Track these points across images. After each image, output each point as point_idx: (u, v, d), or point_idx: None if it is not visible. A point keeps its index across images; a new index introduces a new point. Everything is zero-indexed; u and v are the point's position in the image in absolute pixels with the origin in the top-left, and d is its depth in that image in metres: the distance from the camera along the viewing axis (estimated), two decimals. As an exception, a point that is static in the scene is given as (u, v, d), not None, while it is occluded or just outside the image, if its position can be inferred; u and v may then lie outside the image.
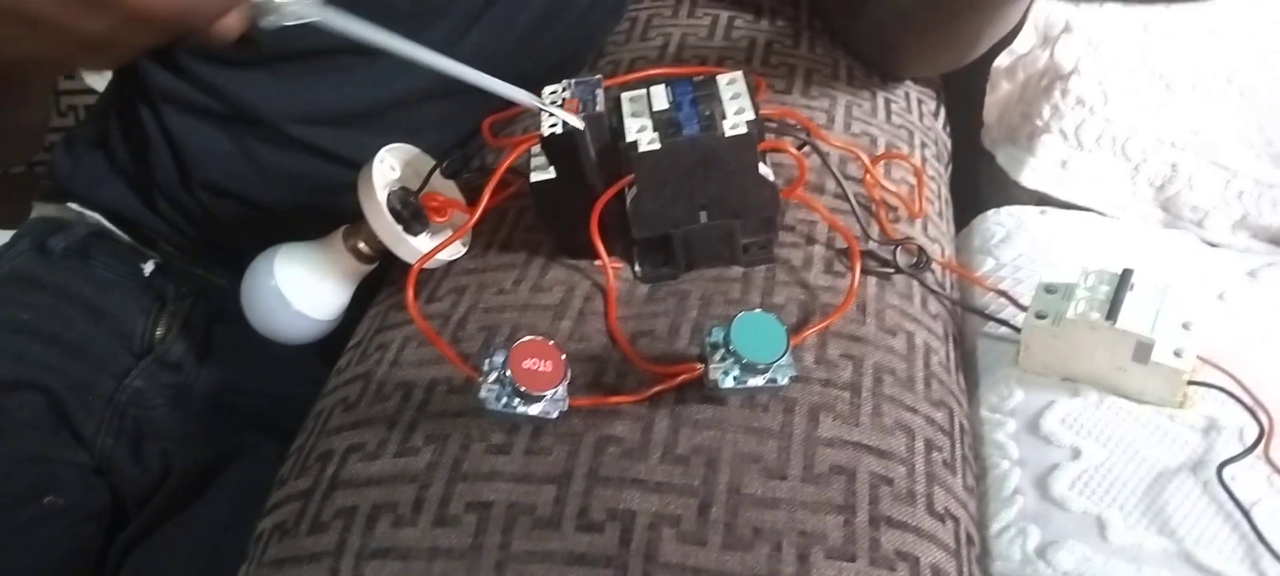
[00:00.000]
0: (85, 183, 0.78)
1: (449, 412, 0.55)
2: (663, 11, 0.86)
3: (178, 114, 0.75)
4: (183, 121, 0.75)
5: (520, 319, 0.60)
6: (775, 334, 0.51)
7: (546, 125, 0.57)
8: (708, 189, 0.58)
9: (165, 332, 0.77)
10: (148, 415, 0.74)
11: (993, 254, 0.78)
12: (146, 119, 0.76)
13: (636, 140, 0.56)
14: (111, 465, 0.72)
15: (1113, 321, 0.60)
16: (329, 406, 0.60)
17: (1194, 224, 0.82)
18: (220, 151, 0.75)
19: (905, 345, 0.60)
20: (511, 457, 0.52)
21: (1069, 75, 0.81)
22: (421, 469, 0.52)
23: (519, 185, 0.66)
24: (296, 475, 0.57)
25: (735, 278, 0.62)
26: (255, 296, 0.69)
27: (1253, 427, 0.60)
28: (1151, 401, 0.62)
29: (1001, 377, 0.66)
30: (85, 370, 0.73)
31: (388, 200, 0.63)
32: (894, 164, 0.73)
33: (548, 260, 0.64)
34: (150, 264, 0.78)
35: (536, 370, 0.51)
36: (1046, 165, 0.83)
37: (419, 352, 0.60)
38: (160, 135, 0.75)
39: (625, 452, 0.52)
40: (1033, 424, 0.63)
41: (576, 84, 0.59)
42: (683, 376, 0.53)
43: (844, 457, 0.52)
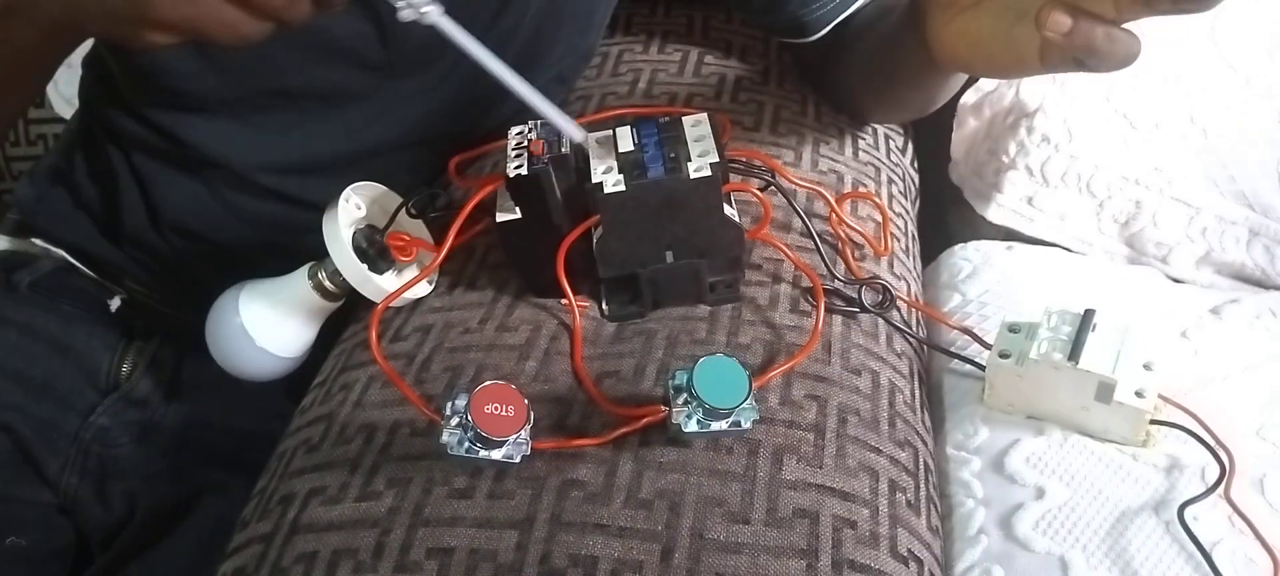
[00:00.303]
0: (50, 219, 0.78)
1: (412, 456, 0.55)
2: (634, 47, 0.87)
3: (147, 158, 0.75)
4: (152, 165, 0.75)
5: (485, 359, 0.60)
6: (737, 378, 0.52)
7: (512, 166, 0.57)
8: (673, 230, 0.58)
9: (132, 369, 0.77)
10: (113, 453, 0.74)
11: (959, 289, 0.78)
12: (116, 161, 0.75)
13: (602, 182, 0.57)
14: (76, 504, 0.71)
15: (1075, 362, 0.60)
16: (292, 447, 0.60)
17: (1158, 260, 0.82)
18: (190, 194, 0.75)
19: (870, 384, 0.60)
20: (474, 502, 0.52)
21: (1034, 112, 0.82)
22: (383, 513, 0.52)
23: (486, 223, 0.66)
24: (258, 517, 0.56)
25: (701, 317, 0.62)
26: (220, 334, 0.69)
27: (1214, 467, 0.60)
28: (1115, 440, 0.63)
29: (967, 415, 0.66)
30: (50, 407, 0.72)
31: (353, 239, 0.63)
32: (861, 202, 0.74)
33: (514, 299, 0.64)
34: (117, 299, 0.77)
35: (498, 415, 0.51)
36: (1013, 201, 0.84)
37: (383, 393, 0.59)
38: (130, 177, 0.75)
39: (588, 497, 0.52)
40: (997, 462, 0.63)
41: (542, 125, 0.59)
42: (647, 419, 0.53)
43: (807, 500, 0.52)
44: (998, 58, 0.57)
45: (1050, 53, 0.51)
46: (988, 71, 0.71)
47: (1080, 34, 0.49)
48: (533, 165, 0.57)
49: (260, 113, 0.71)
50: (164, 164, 0.75)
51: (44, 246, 0.78)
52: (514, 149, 0.58)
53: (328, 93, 0.70)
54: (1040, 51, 0.52)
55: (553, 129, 0.59)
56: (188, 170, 0.75)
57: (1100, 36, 0.49)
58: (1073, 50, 0.50)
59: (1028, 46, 0.51)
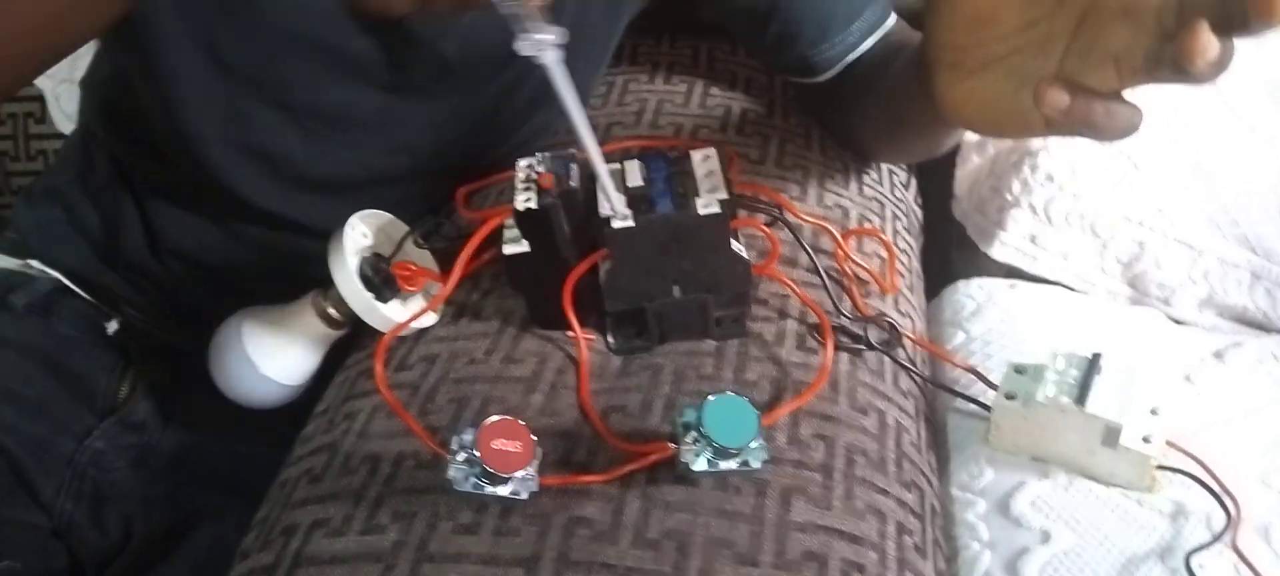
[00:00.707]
0: (46, 241, 0.77)
1: (416, 489, 0.54)
2: (639, 77, 0.87)
3: (149, 186, 0.74)
4: (154, 193, 0.74)
5: (491, 391, 0.60)
6: (747, 417, 0.51)
7: (521, 200, 0.57)
8: (681, 265, 0.58)
9: (129, 392, 0.76)
10: (108, 478, 0.73)
11: (963, 327, 0.78)
12: (115, 185, 0.75)
13: (610, 216, 0.56)
14: (70, 528, 0.70)
15: (1082, 406, 0.60)
16: (294, 477, 0.59)
17: (1161, 301, 0.82)
18: (191, 220, 0.74)
19: (877, 424, 0.60)
20: (479, 538, 0.51)
21: (1038, 151, 0.82)
22: (387, 548, 0.51)
23: (492, 254, 0.66)
24: (259, 548, 0.56)
25: (708, 352, 0.61)
26: (223, 360, 0.68)
27: (1220, 515, 0.60)
28: (1120, 485, 0.62)
29: (972, 455, 0.66)
30: (45, 429, 0.71)
31: (359, 267, 0.62)
32: (867, 238, 0.74)
33: (520, 330, 0.64)
34: (114, 322, 0.77)
35: (506, 451, 0.50)
36: (1016, 239, 0.84)
37: (387, 424, 0.59)
38: (129, 202, 0.75)
39: (595, 535, 0.51)
40: (1003, 504, 0.63)
41: (551, 158, 0.59)
42: (655, 456, 0.53)
43: (816, 543, 0.52)
44: (1004, 121, 0.57)
45: (1052, 122, 0.51)
46: (994, 133, 0.71)
47: (1078, 111, 0.49)
48: (542, 199, 0.57)
49: (265, 132, 0.71)
50: (165, 189, 0.74)
51: (41, 268, 0.77)
52: (522, 182, 0.58)
53: (335, 113, 0.70)
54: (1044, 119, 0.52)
55: (561, 162, 0.59)
56: (190, 195, 0.74)
57: (1099, 112, 0.49)
58: (1072, 125, 0.50)
59: (1032, 113, 0.51)
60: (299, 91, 0.68)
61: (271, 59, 0.65)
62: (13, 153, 1.14)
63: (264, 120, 0.69)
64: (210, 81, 0.66)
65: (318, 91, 0.68)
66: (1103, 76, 0.50)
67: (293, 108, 0.69)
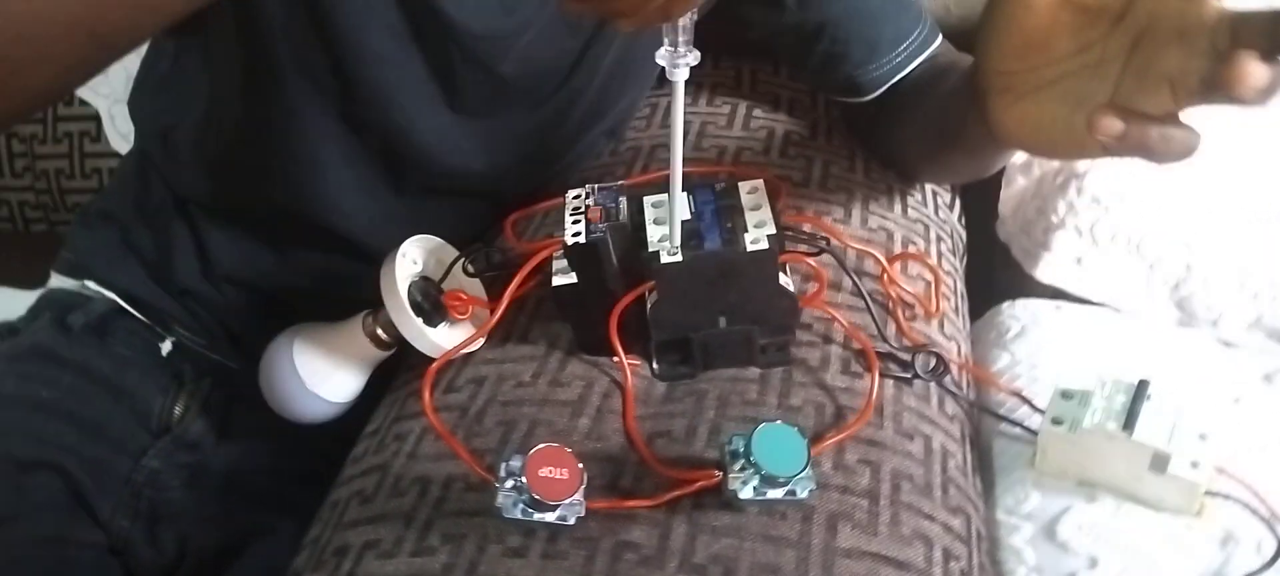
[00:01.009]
0: (103, 263, 0.79)
1: (466, 511, 0.55)
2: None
3: (203, 210, 0.76)
4: (209, 219, 0.76)
5: (538, 414, 0.61)
6: (796, 446, 0.52)
7: (571, 233, 0.58)
8: (728, 298, 0.58)
9: (184, 412, 0.77)
10: (164, 496, 0.74)
11: (1008, 349, 0.78)
12: (171, 215, 0.76)
13: (658, 250, 0.57)
14: (127, 547, 0.72)
15: (1130, 432, 0.60)
16: (345, 497, 0.60)
17: (1209, 323, 0.82)
18: (245, 246, 0.76)
19: (923, 449, 0.60)
20: (528, 561, 0.52)
21: (1085, 172, 0.82)
22: (438, 570, 0.52)
23: (539, 279, 0.67)
24: (312, 568, 0.57)
25: (753, 378, 0.62)
26: (273, 377, 0.70)
27: (1270, 541, 0.60)
28: (1168, 510, 0.62)
29: (1018, 480, 0.66)
30: (103, 449, 0.73)
31: (409, 292, 0.63)
32: (912, 261, 0.74)
33: (566, 354, 0.64)
34: (169, 342, 0.78)
35: (553, 478, 0.51)
36: (1061, 260, 0.83)
37: (436, 446, 0.60)
38: (183, 226, 0.76)
39: (642, 560, 0.52)
40: (1049, 530, 0.63)
41: (599, 190, 0.60)
42: (701, 483, 0.53)
43: (862, 569, 0.52)
44: (1059, 144, 0.57)
45: (1109, 147, 0.51)
46: (1049, 155, 0.71)
47: (1133, 138, 0.49)
48: (591, 233, 0.57)
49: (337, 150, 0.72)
50: (221, 212, 0.76)
51: (97, 289, 0.79)
52: (571, 214, 0.59)
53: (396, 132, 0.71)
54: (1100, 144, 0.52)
55: (610, 195, 0.60)
56: (245, 221, 0.76)
57: (1155, 137, 0.49)
58: (1129, 150, 0.50)
59: (1088, 136, 0.51)
60: (365, 109, 0.69)
61: (339, 70, 0.67)
62: (68, 171, 1.16)
63: (336, 136, 0.71)
64: (310, 96, 0.68)
65: (381, 109, 0.69)
66: (1158, 100, 0.50)
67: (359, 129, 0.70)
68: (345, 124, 0.70)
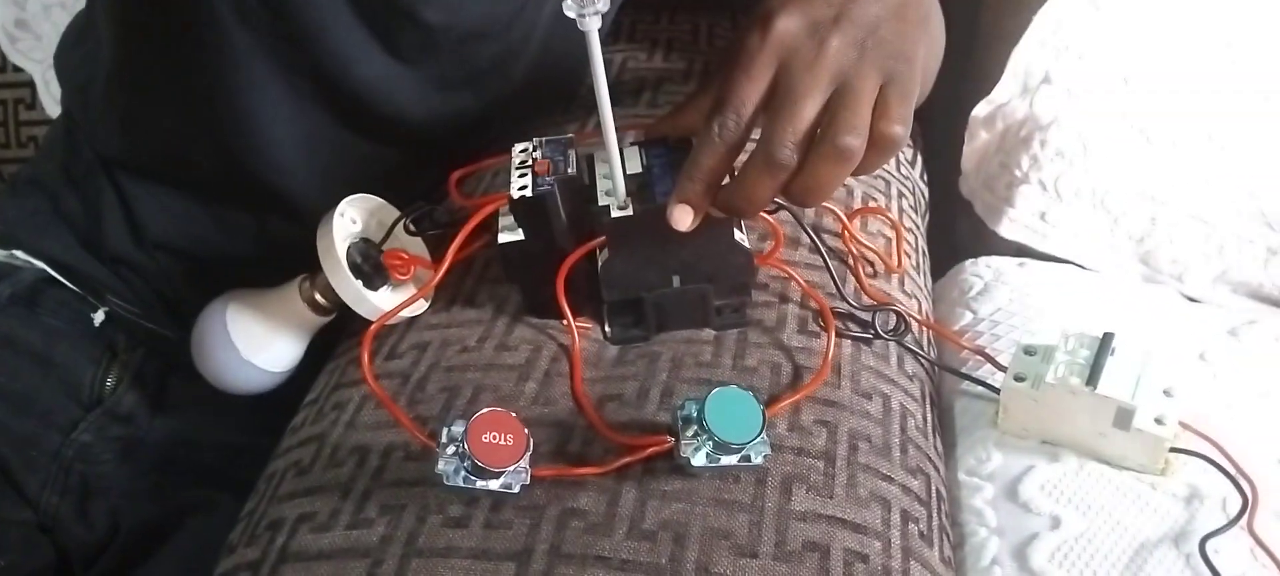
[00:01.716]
0: (31, 231, 0.75)
1: (405, 481, 0.53)
2: (637, 56, 0.85)
3: (132, 176, 0.72)
4: (137, 182, 0.72)
5: (483, 380, 0.58)
6: (751, 411, 0.49)
7: (517, 187, 0.55)
8: (681, 255, 0.56)
9: (116, 383, 0.74)
10: (95, 470, 0.71)
11: (970, 307, 0.76)
12: (99, 179, 0.73)
13: (608, 205, 0.55)
14: (57, 522, 0.69)
15: (1093, 387, 0.58)
16: (281, 469, 0.58)
17: (1173, 278, 0.80)
18: (176, 210, 0.73)
19: (881, 409, 0.58)
20: (470, 531, 0.50)
21: (1048, 126, 0.80)
22: (375, 543, 0.50)
23: (486, 240, 0.64)
24: (246, 543, 0.54)
25: (707, 339, 0.60)
26: (206, 346, 0.67)
27: (1236, 498, 0.58)
28: (1133, 468, 0.61)
29: (979, 439, 0.64)
30: (30, 424, 0.70)
31: (348, 254, 0.61)
32: (872, 216, 0.72)
33: (513, 318, 0.62)
34: (101, 313, 0.75)
35: (496, 444, 0.48)
36: (1025, 216, 0.82)
37: (376, 414, 0.57)
38: (115, 195, 0.73)
39: (589, 527, 0.49)
40: (1011, 489, 0.61)
41: (547, 143, 0.57)
42: (652, 449, 0.51)
43: (817, 533, 0.50)
44: None
45: None
46: None
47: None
48: (538, 186, 0.55)
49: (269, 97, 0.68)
50: (148, 173, 0.72)
51: (25, 258, 0.75)
52: (518, 167, 0.56)
53: (334, 73, 0.68)
54: None
55: (558, 148, 0.57)
56: (176, 184, 0.72)
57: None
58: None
59: None
60: (297, 49, 0.66)
61: (282, 10, 0.63)
62: (3, 140, 1.12)
63: (271, 81, 0.67)
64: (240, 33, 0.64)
65: (314, 48, 0.66)
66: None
67: (293, 71, 0.67)
68: (277, 62, 0.66)
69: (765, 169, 0.51)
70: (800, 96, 0.50)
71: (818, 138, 0.51)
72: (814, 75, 0.50)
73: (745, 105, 0.51)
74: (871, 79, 0.51)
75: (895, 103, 0.51)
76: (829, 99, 0.51)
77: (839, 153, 0.50)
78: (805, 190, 0.52)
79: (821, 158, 0.50)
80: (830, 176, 0.51)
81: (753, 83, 0.51)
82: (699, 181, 0.52)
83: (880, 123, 0.51)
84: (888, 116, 0.51)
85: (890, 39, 0.52)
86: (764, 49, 0.52)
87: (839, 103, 0.50)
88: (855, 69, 0.51)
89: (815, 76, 0.50)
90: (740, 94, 0.51)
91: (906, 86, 0.51)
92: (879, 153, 0.51)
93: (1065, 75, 0.80)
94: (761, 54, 0.51)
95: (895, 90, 0.51)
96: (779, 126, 0.50)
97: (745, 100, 0.51)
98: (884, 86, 0.51)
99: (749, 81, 0.51)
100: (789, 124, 0.50)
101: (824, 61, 0.50)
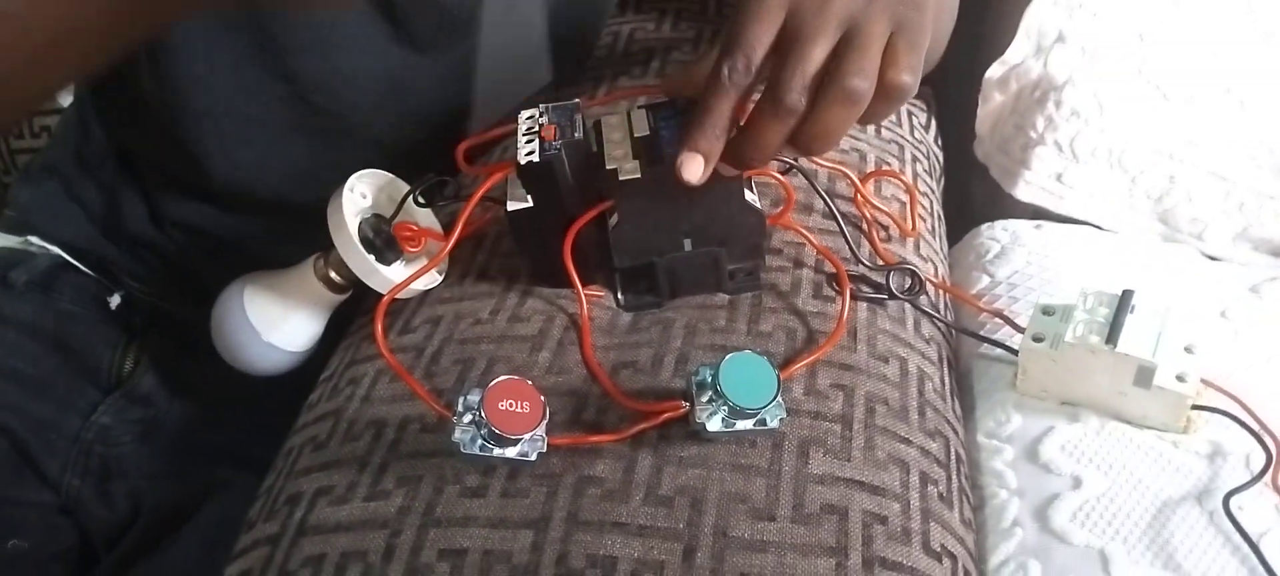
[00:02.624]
0: (45, 217, 0.76)
1: (422, 453, 0.53)
2: (646, 26, 0.84)
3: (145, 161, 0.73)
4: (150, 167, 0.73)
5: (497, 351, 0.58)
6: (765, 376, 0.49)
7: (523, 153, 0.55)
8: (691, 217, 0.56)
9: (134, 366, 0.75)
10: (114, 452, 0.72)
11: (987, 270, 0.76)
12: (113, 163, 0.73)
13: (617, 168, 0.54)
14: (78, 504, 0.70)
15: (1113, 345, 0.57)
16: (298, 444, 0.58)
17: (1193, 237, 0.79)
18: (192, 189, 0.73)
19: (898, 372, 0.58)
20: (487, 501, 0.50)
21: (1063, 86, 0.79)
22: (392, 514, 0.50)
23: (496, 210, 0.64)
24: (264, 518, 0.54)
25: (721, 305, 0.59)
26: (225, 328, 0.67)
27: (1259, 454, 0.57)
28: (1154, 426, 0.60)
29: (999, 401, 0.64)
30: (49, 408, 0.70)
31: (359, 229, 0.60)
32: (885, 180, 0.71)
33: (526, 288, 0.62)
34: (117, 296, 0.75)
35: (513, 411, 0.48)
36: (1041, 178, 0.81)
37: (391, 388, 0.57)
38: (130, 178, 0.73)
39: (606, 494, 0.49)
40: (1031, 450, 0.61)
41: (554, 109, 0.57)
42: (667, 415, 0.51)
43: (835, 495, 0.50)
44: None
45: None
46: None
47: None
48: (545, 151, 0.54)
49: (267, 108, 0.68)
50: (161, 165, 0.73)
51: (41, 244, 0.76)
52: (525, 134, 0.56)
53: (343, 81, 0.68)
54: None
55: (565, 113, 0.57)
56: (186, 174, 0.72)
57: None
58: None
59: None
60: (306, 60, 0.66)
61: (276, 27, 0.63)
62: (17, 130, 1.12)
63: (270, 93, 0.67)
64: (217, 52, 0.64)
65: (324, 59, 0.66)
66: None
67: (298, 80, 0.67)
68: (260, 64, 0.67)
69: (774, 114, 0.50)
70: (808, 39, 0.49)
71: (825, 81, 0.50)
72: (823, 18, 0.49)
73: (755, 48, 0.50)
74: (881, 24, 0.50)
75: (904, 51, 0.50)
76: (836, 43, 0.50)
77: (846, 95, 0.49)
78: (812, 137, 0.51)
79: (829, 101, 0.49)
80: (838, 121, 0.50)
81: (762, 26, 0.50)
82: (708, 128, 0.51)
83: (888, 71, 0.50)
84: (897, 65, 0.50)
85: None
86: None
87: (847, 46, 0.50)
88: (864, 14, 0.50)
89: (824, 19, 0.49)
90: (749, 37, 0.50)
91: (915, 36, 0.51)
92: (886, 101, 0.50)
93: (1079, 34, 0.79)
94: (821, 34, 0.50)
95: (904, 39, 0.50)
96: (788, 69, 0.49)
97: (755, 43, 0.50)
98: (893, 34, 0.50)
99: (758, 24, 0.50)
100: (798, 66, 0.49)
101: (833, 5, 0.50)
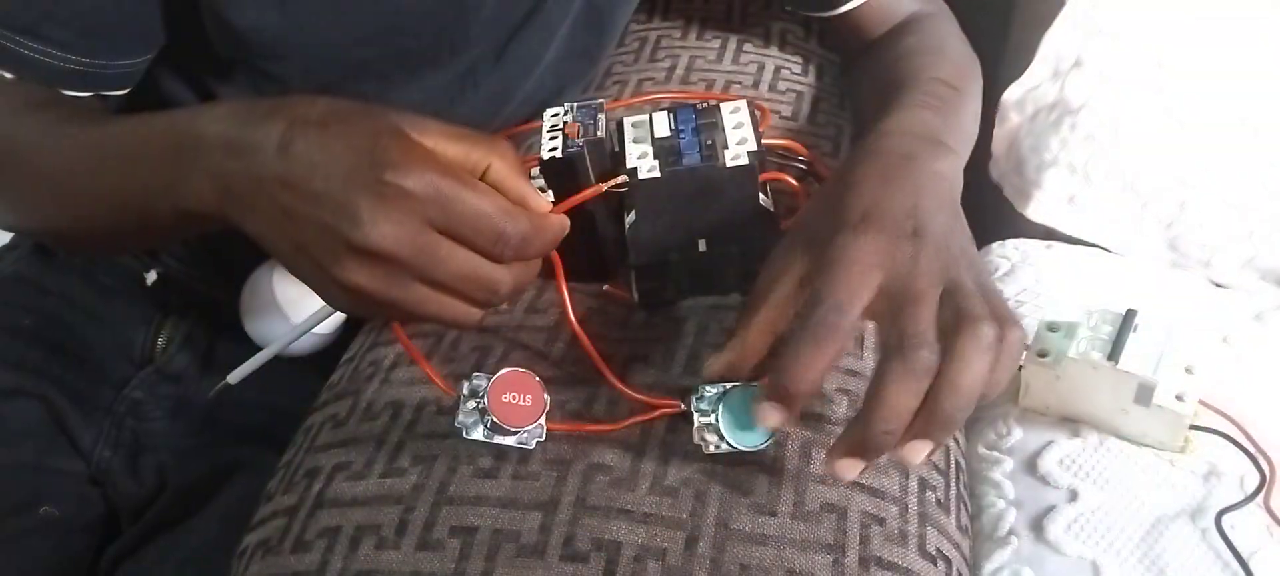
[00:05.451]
0: None
1: (437, 434, 0.55)
2: (672, 33, 0.86)
3: None
4: None
5: (515, 339, 0.60)
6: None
7: (547, 149, 0.57)
8: (707, 218, 0.57)
9: (167, 343, 0.77)
10: (146, 426, 0.74)
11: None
12: None
13: (636, 166, 0.56)
14: (108, 476, 0.72)
15: (1115, 362, 0.59)
16: (318, 422, 0.60)
17: (1201, 263, 0.80)
18: None
19: (902, 380, 0.59)
20: (498, 482, 0.52)
21: (1079, 110, 0.80)
22: (407, 490, 0.52)
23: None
24: (283, 490, 0.56)
25: (733, 306, 0.61)
26: (254, 308, 0.69)
27: (1254, 475, 0.59)
28: (1152, 445, 0.61)
29: (1000, 414, 0.65)
30: (85, 378, 0.73)
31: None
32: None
33: (545, 281, 0.63)
34: (153, 273, 0.78)
35: (515, 404, 0.50)
36: (1053, 199, 0.82)
37: (410, 371, 0.59)
38: None
39: (613, 481, 0.51)
40: (1030, 463, 0.62)
41: (578, 107, 0.59)
42: (662, 410, 0.53)
43: (835, 495, 0.52)
44: None
45: None
46: None
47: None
48: (568, 148, 0.56)
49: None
50: None
51: None
52: (548, 131, 0.58)
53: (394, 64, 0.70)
54: None
55: (589, 112, 0.59)
56: None
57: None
58: None
59: None
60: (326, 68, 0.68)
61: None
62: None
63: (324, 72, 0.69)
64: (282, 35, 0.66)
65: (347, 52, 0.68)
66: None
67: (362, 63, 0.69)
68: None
69: (911, 377, 0.45)
70: (918, 298, 0.47)
71: (954, 331, 0.46)
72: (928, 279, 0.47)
73: (929, 331, 0.46)
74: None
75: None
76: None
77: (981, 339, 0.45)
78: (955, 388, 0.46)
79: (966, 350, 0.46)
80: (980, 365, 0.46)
81: (928, 308, 0.47)
82: (893, 421, 0.45)
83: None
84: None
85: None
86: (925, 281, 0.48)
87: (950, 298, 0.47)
88: (954, 270, 0.48)
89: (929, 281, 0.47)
90: (920, 323, 0.46)
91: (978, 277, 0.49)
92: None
93: (1097, 58, 0.80)
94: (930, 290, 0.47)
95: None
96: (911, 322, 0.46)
97: (927, 327, 0.46)
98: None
99: (926, 308, 0.47)
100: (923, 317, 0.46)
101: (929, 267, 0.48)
